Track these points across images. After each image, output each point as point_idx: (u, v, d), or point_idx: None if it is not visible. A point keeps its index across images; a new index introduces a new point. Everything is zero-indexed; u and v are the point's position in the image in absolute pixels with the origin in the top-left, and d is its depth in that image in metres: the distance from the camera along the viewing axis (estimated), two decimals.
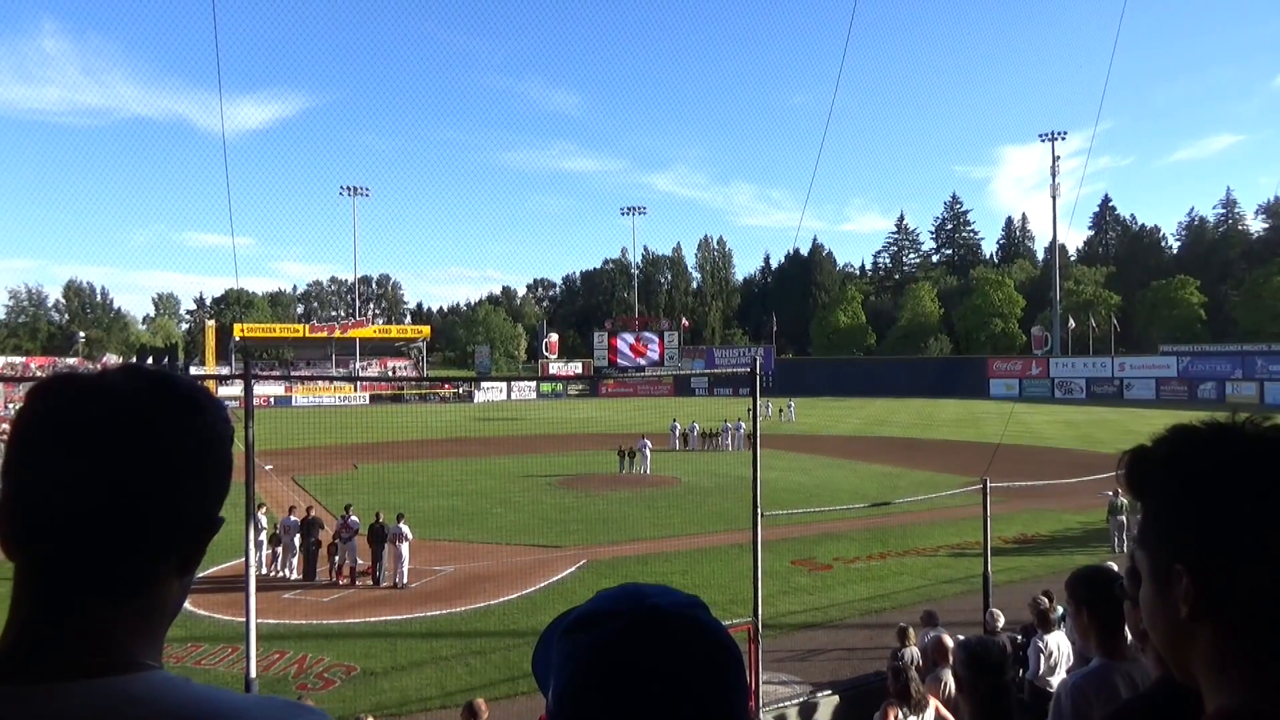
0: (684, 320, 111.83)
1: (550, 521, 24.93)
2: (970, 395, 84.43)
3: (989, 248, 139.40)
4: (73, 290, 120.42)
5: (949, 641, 8.27)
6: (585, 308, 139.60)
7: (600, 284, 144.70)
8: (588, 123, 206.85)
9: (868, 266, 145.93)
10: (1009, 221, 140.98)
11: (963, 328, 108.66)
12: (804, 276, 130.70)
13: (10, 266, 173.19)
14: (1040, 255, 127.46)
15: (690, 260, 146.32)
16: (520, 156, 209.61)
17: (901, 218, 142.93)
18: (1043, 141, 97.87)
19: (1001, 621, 10.38)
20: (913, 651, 9.73)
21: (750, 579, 10.31)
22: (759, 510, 10.04)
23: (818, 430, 53.63)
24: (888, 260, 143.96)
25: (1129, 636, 3.06)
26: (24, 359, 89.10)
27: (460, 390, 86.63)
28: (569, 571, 19.53)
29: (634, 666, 0.86)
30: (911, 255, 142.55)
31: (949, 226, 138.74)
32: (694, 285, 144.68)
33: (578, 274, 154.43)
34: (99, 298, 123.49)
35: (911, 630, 10.18)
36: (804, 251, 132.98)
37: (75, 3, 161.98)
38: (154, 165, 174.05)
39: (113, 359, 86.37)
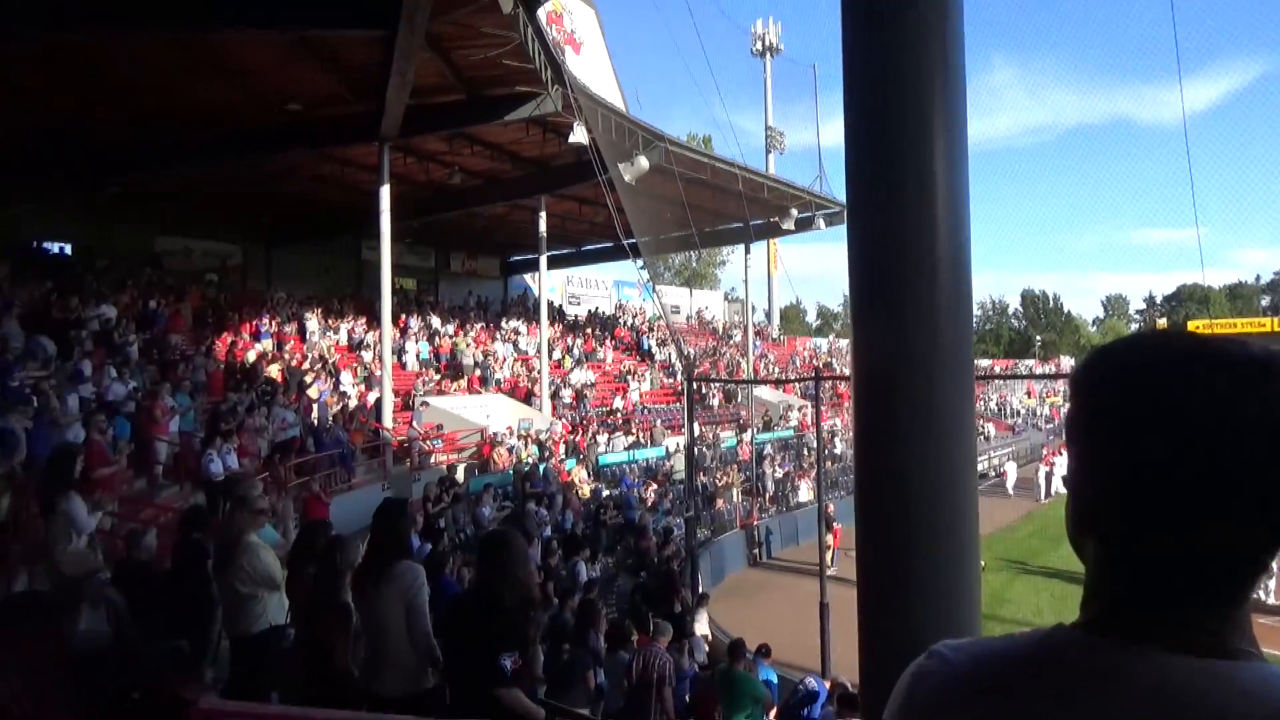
0: None
1: None
2: None
3: None
4: (1028, 298, 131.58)
5: None
6: None
7: None
8: None
9: None
10: None
11: None
12: None
13: (977, 281, 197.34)
14: None
15: None
16: None
17: None
18: None
19: None
20: None
21: None
22: None
23: None
24: None
25: None
26: (990, 361, 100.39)
27: None
28: None
29: None
30: None
31: None
32: None
33: None
34: (1050, 303, 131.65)
35: None
36: None
37: (1019, 30, 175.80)
38: (1096, 170, 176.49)
39: (1066, 361, 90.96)
